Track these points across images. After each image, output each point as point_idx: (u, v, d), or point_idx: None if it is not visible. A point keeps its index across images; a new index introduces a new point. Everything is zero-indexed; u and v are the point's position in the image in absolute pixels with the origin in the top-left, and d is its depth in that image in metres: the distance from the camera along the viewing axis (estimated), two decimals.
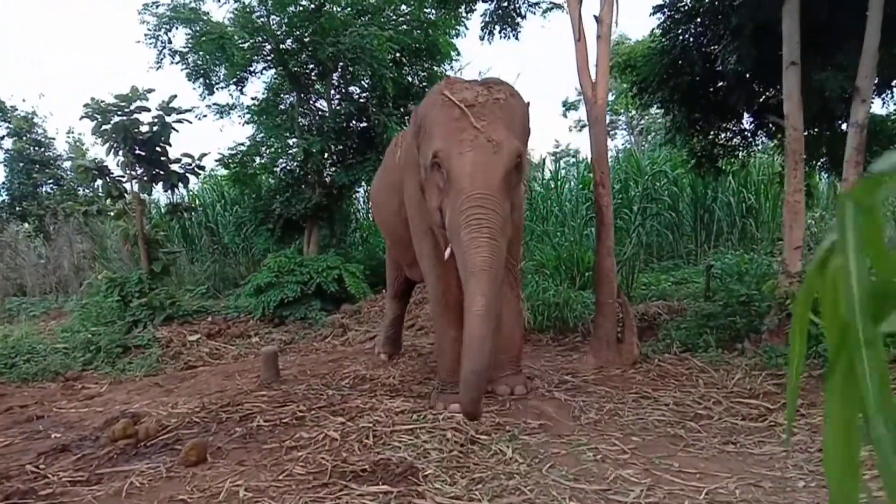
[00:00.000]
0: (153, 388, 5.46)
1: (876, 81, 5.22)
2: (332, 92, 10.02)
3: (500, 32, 7.17)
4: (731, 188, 10.67)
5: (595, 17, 5.08)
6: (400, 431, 3.57)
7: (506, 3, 6.95)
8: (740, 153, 7.54)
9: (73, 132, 17.11)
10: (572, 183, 12.41)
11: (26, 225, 14.46)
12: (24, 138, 14.58)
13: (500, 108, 3.66)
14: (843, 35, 5.34)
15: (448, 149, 3.56)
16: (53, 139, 15.41)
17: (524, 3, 7.07)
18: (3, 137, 14.79)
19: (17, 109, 14.66)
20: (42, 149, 14.89)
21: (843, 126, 5.75)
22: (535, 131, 4.76)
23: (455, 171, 3.51)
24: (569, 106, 21.74)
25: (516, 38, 7.22)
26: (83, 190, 14.57)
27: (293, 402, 4.30)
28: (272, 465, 3.24)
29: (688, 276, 8.96)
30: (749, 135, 7.30)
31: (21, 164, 14.43)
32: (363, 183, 9.65)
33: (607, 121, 6.61)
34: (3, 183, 14.60)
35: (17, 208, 14.40)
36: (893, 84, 6.22)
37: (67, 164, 15.15)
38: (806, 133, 5.46)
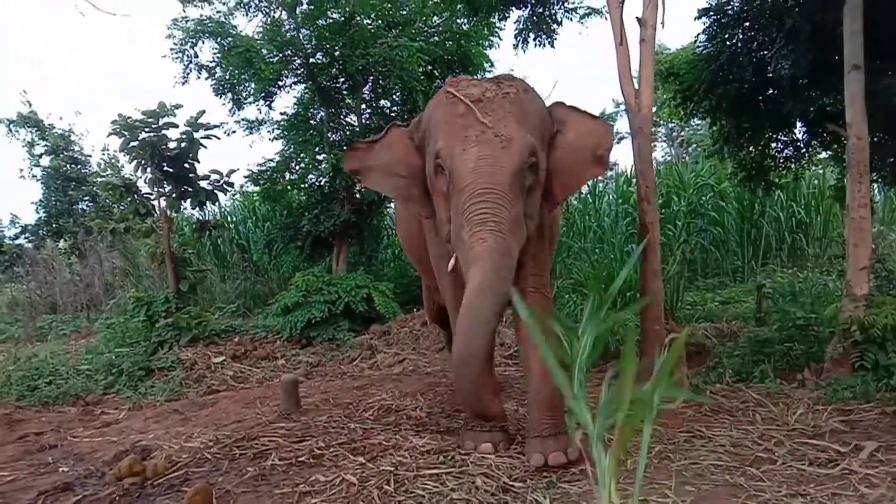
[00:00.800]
0: (172, 415, 5.23)
1: None
2: (363, 106, 9.80)
3: (534, 40, 6.82)
4: (780, 202, 10.15)
5: (638, 18, 4.67)
6: (424, 476, 3.21)
7: (541, 9, 6.61)
8: (793, 165, 7.04)
9: (107, 149, 17.28)
10: (611, 197, 11.96)
11: (62, 242, 14.56)
12: (61, 156, 14.73)
13: (511, 103, 3.25)
14: None
15: (451, 146, 3.18)
16: (90, 156, 15.59)
17: (560, 8, 6.70)
18: (41, 155, 15.01)
19: (54, 127, 14.83)
20: (78, 166, 15.05)
21: None
22: None
23: (458, 170, 3.12)
24: (606, 117, 21.33)
25: (552, 46, 6.85)
26: (118, 207, 14.65)
27: (312, 437, 3.99)
28: None
29: (735, 294, 8.54)
30: (802, 145, 6.82)
31: (58, 182, 14.61)
32: (393, 199, 9.36)
33: None
34: (40, 200, 14.83)
35: (54, 225, 14.53)
36: None
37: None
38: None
